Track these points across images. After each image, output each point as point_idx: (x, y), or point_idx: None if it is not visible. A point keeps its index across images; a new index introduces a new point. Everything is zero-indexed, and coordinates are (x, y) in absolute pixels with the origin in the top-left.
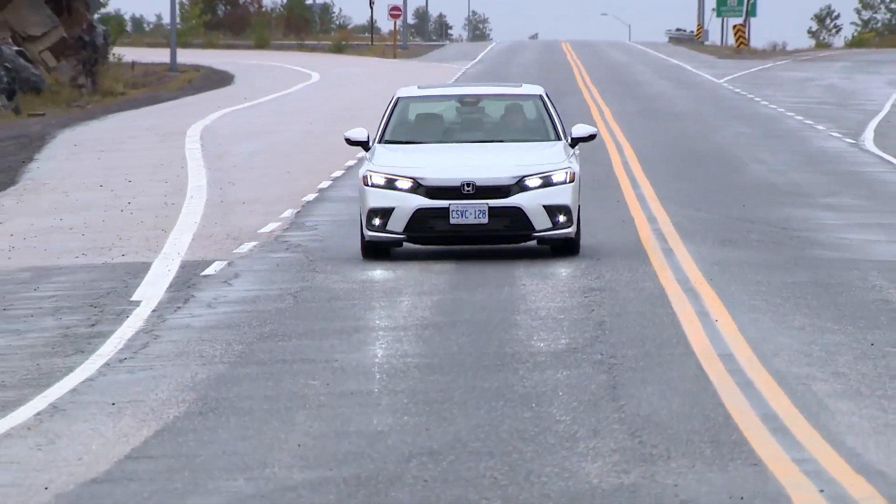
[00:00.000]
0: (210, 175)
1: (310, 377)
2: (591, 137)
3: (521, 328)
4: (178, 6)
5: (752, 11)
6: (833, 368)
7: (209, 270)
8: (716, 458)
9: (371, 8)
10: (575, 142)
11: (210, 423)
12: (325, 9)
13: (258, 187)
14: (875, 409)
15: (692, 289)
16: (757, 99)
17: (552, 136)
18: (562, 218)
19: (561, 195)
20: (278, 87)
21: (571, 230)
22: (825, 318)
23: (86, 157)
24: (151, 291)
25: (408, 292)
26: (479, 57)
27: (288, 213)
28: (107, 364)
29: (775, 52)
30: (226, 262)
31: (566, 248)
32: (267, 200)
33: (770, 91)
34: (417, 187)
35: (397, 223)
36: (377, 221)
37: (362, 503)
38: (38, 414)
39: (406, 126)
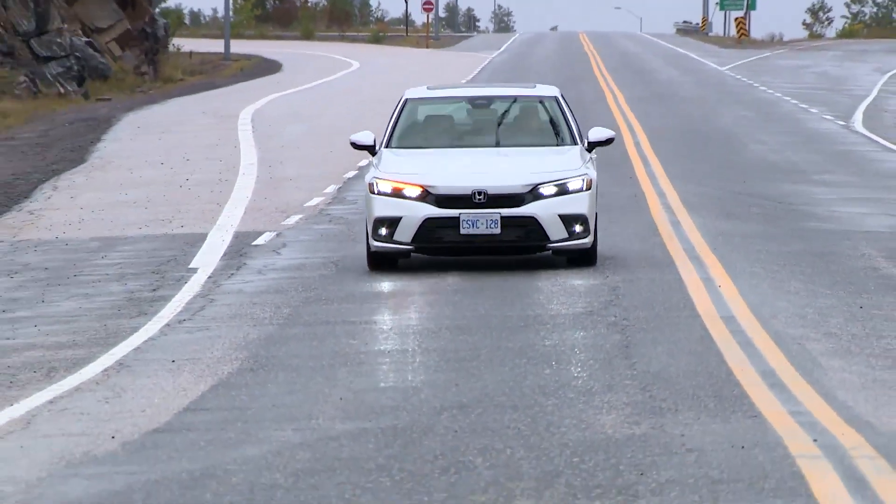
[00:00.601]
0: (260, 154)
1: (350, 337)
2: (609, 141)
3: (542, 293)
4: (231, 1)
5: (752, 5)
6: (825, 329)
7: (259, 241)
8: (719, 410)
9: (406, 2)
10: (592, 146)
11: (260, 378)
12: (365, 3)
13: (304, 165)
14: (864, 366)
15: (697, 257)
16: (756, 85)
17: (568, 140)
18: (578, 228)
19: (577, 204)
20: (322, 75)
21: (588, 240)
22: (818, 283)
23: (148, 138)
24: (207, 259)
25: (439, 262)
26: (504, 47)
27: (331, 188)
28: (167, 325)
29: (773, 42)
30: (274, 233)
31: (583, 259)
32: (312, 177)
33: (768, 78)
34: (426, 195)
35: (405, 233)
36: (384, 231)
37: (398, 452)
38: (106, 370)
39: (414, 129)
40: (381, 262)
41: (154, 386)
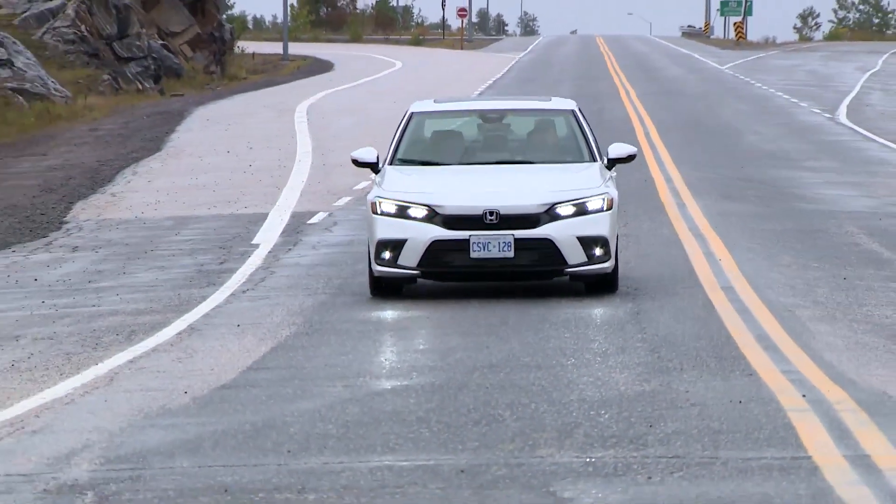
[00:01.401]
0: (314, 143)
1: (393, 305)
2: (631, 158)
3: None
4: (289, 8)
5: (748, 11)
6: (813, 298)
7: (313, 220)
8: (719, 369)
9: (443, 9)
10: (612, 163)
11: (314, 341)
12: (407, 9)
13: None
14: (847, 330)
15: (700, 234)
16: (752, 82)
17: (586, 156)
18: (598, 251)
19: (597, 225)
20: (369, 73)
21: (609, 265)
22: (807, 257)
23: (215, 129)
24: (268, 236)
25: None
26: (530, 48)
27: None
28: (233, 294)
29: (767, 44)
30: (327, 213)
31: (603, 284)
32: None
33: (763, 75)
34: (433, 216)
35: (410, 257)
36: (387, 255)
37: (436, 406)
38: (179, 334)
39: (420, 145)
40: (385, 288)
41: (221, 347)
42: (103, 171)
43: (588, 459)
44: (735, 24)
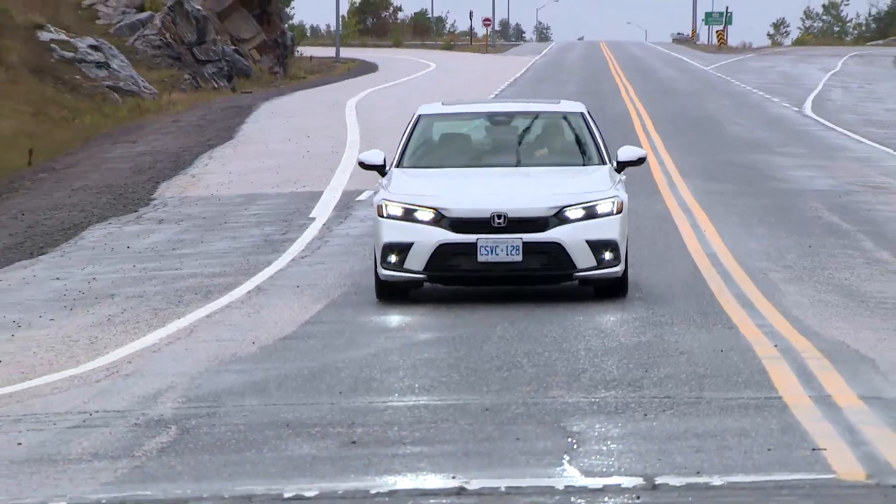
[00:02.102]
0: (361, 133)
1: None
2: (641, 161)
3: None
4: (341, 19)
5: (729, 21)
6: (784, 263)
7: (361, 197)
8: (704, 323)
9: (471, 19)
10: (622, 166)
11: (362, 299)
12: (439, 19)
13: (394, 142)
14: (811, 290)
15: (689, 209)
16: (733, 81)
17: (595, 159)
18: (608, 255)
19: (607, 229)
20: (408, 73)
21: (619, 269)
22: (779, 229)
23: (278, 121)
24: (323, 211)
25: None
26: (544, 52)
27: None
28: (293, 260)
29: (745, 48)
30: (373, 192)
31: (612, 289)
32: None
33: (742, 75)
34: (440, 219)
35: (416, 261)
36: (393, 258)
37: (464, 354)
38: (248, 293)
39: (428, 148)
40: (391, 293)
41: (283, 305)
42: (184, 156)
43: (593, 399)
44: (717, 31)
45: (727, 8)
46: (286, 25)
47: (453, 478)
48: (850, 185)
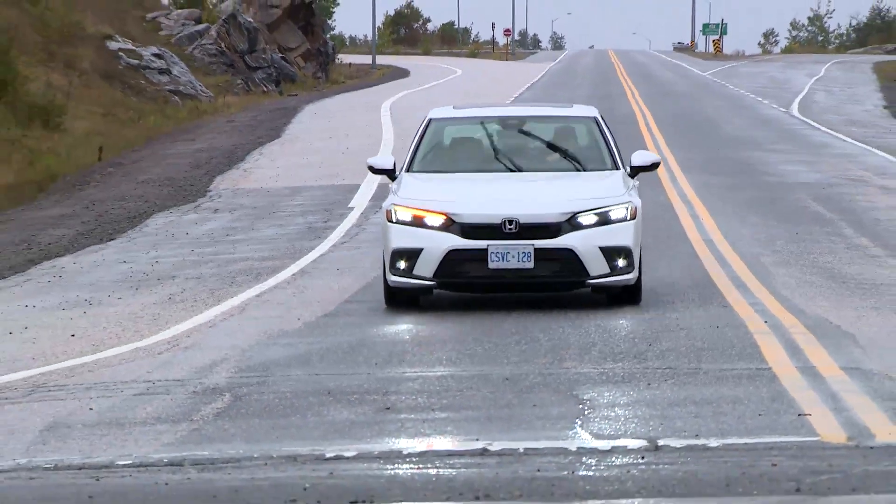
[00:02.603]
0: (395, 131)
1: None
2: (654, 166)
3: None
4: (377, 30)
5: (724, 31)
6: (773, 248)
7: None
8: (701, 302)
9: (493, 30)
10: (635, 171)
11: None
12: (465, 30)
13: None
14: (798, 272)
15: (688, 201)
16: (727, 85)
17: (609, 164)
18: (621, 262)
19: (620, 235)
20: (437, 78)
21: (632, 276)
22: (769, 217)
23: (321, 121)
24: (360, 202)
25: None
26: (558, 59)
27: None
28: (333, 245)
29: (738, 56)
30: None
31: (626, 296)
32: None
33: (735, 80)
34: (450, 224)
35: (426, 267)
36: (402, 265)
37: (486, 330)
38: (294, 275)
39: (438, 152)
40: (400, 300)
41: (325, 285)
42: (237, 153)
43: (602, 370)
44: (713, 40)
45: (722, 20)
46: (328, 36)
47: (477, 440)
48: (833, 179)
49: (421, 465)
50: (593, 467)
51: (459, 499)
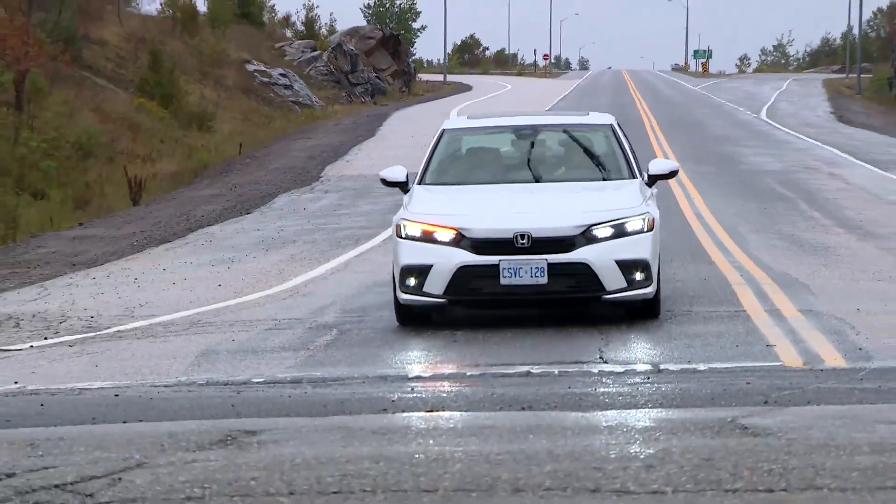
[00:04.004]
0: None
1: None
2: (673, 174)
3: None
4: (447, 56)
5: (709, 55)
6: (747, 219)
7: None
8: (693, 261)
9: (535, 55)
10: (653, 180)
11: None
12: (514, 55)
13: None
14: (766, 238)
15: (683, 184)
16: (712, 96)
17: (626, 173)
18: (639, 276)
19: (638, 248)
20: (493, 91)
21: (650, 290)
22: (744, 197)
23: (406, 123)
24: None
25: None
26: (585, 77)
27: None
28: None
29: (720, 75)
30: None
31: (644, 310)
32: None
33: (718, 93)
34: (461, 239)
35: (436, 284)
36: (412, 281)
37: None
38: (384, 240)
39: (451, 164)
40: (412, 317)
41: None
42: (342, 148)
43: (617, 312)
44: (702, 62)
45: (709, 47)
46: (410, 60)
47: (522, 365)
48: (792, 167)
49: (480, 384)
50: (611, 385)
51: (509, 409)
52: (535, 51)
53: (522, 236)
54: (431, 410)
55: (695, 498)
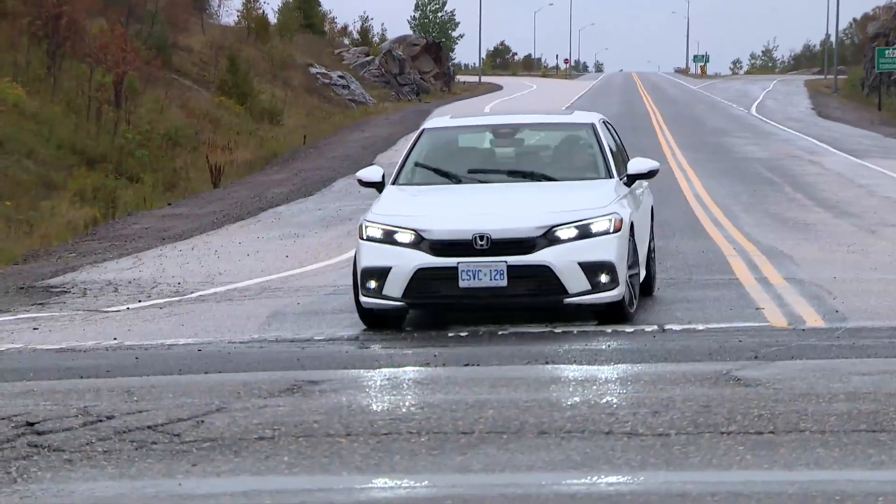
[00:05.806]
0: None
1: None
2: (652, 174)
3: None
4: (482, 60)
5: (707, 59)
6: (739, 200)
7: None
8: (692, 236)
9: (557, 59)
10: (631, 179)
11: None
12: (539, 59)
13: None
14: (756, 217)
15: (684, 169)
16: (710, 94)
17: (602, 172)
18: (604, 278)
19: (602, 249)
20: (521, 90)
21: (617, 292)
22: (736, 181)
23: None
24: None
25: None
26: (600, 78)
27: None
28: None
29: (716, 76)
30: None
31: (611, 313)
32: None
33: (714, 91)
34: (419, 242)
35: (395, 286)
36: (372, 284)
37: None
38: None
39: (426, 163)
40: (375, 320)
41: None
42: (391, 139)
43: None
44: (701, 66)
45: (706, 52)
46: (450, 63)
47: (545, 325)
48: (778, 155)
49: (511, 342)
50: (622, 343)
51: (535, 363)
52: (557, 55)
53: (481, 237)
54: (468, 365)
55: (695, 439)
